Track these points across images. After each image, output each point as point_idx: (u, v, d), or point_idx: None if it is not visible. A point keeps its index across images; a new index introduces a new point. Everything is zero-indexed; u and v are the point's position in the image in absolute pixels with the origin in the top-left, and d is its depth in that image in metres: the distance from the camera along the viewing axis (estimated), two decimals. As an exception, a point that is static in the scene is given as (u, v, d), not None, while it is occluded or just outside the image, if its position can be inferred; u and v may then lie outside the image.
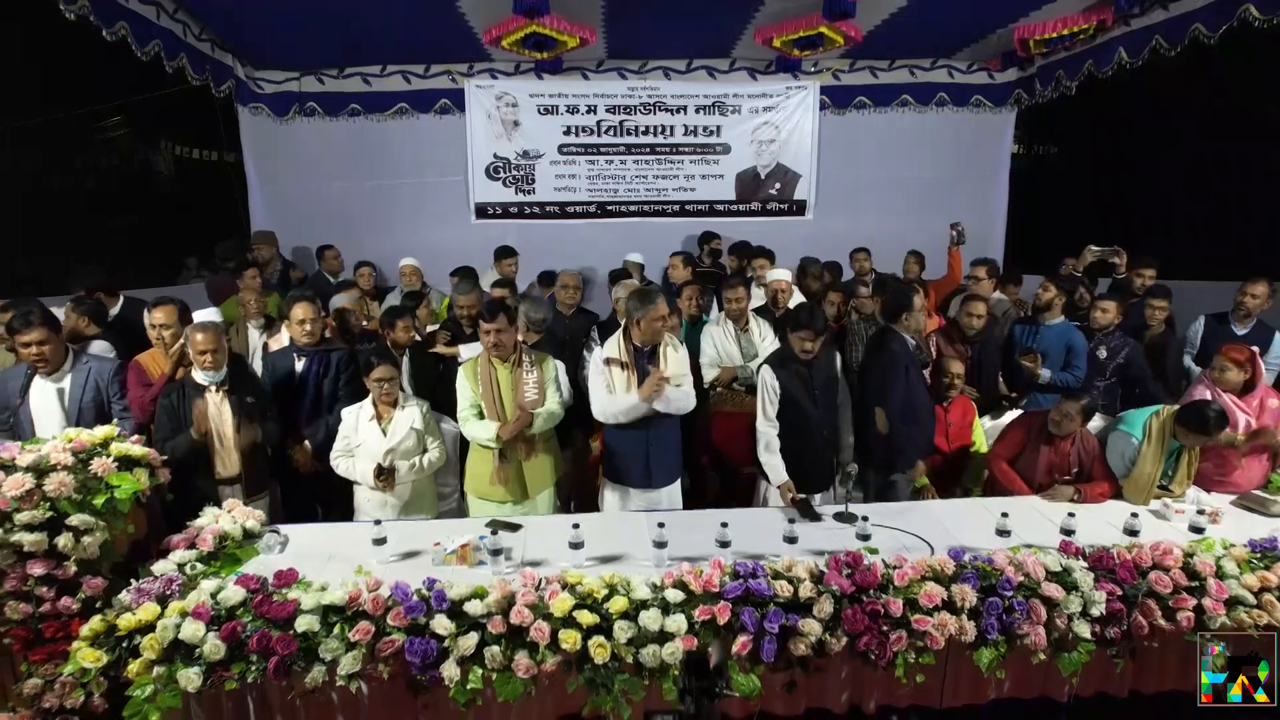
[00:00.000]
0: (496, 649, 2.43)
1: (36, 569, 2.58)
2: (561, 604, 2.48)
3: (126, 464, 2.81)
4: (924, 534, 3.07)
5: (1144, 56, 5.45)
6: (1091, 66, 6.05)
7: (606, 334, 3.75)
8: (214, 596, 2.48)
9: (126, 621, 2.41)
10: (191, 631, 2.38)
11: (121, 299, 4.58)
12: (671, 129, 7.22)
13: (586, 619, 2.46)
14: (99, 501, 2.65)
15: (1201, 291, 5.14)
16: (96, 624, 2.44)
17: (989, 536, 3.05)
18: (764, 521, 3.22)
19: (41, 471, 2.58)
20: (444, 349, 4.07)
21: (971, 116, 7.35)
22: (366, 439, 3.32)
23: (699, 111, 7.20)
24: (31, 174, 6.87)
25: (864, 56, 6.93)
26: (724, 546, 2.85)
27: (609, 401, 3.26)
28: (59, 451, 2.64)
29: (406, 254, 5.83)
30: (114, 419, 3.20)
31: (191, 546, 2.84)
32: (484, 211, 7.21)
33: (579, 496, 4.20)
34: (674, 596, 2.54)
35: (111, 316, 4.40)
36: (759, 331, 4.20)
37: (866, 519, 3.05)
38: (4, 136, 6.07)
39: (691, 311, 4.47)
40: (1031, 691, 2.85)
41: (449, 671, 2.41)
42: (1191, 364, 4.45)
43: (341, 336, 4.32)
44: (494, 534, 2.86)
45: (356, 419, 3.35)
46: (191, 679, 2.35)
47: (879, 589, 2.62)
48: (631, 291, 3.46)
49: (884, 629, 2.57)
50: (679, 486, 3.52)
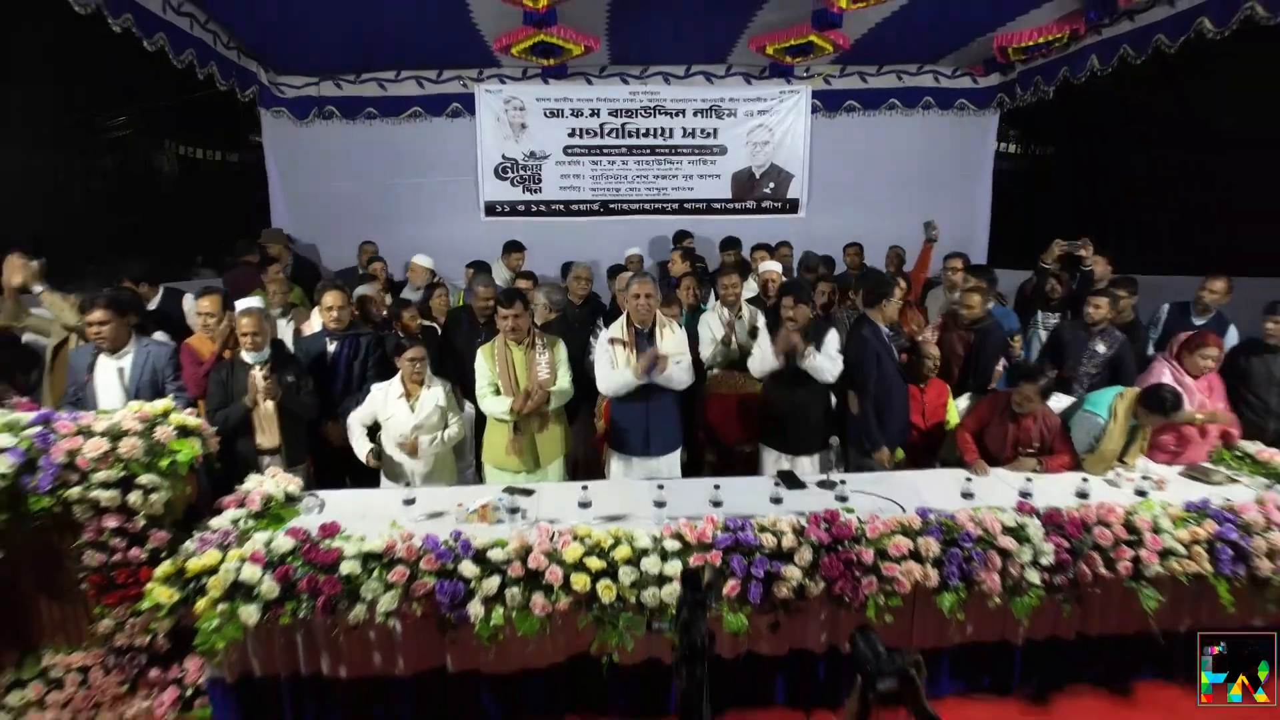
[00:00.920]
0: (516, 590, 2.74)
1: (110, 522, 2.89)
2: (573, 552, 2.79)
3: (184, 433, 3.11)
4: (896, 498, 3.34)
5: (1113, 64, 5.72)
6: (1067, 73, 6.29)
7: (611, 322, 4.08)
8: (268, 545, 2.79)
9: (194, 564, 2.72)
10: (250, 573, 2.69)
11: (162, 290, 4.85)
12: (671, 131, 7.39)
13: (594, 564, 2.77)
14: (164, 464, 2.95)
15: (1159, 285, 5.40)
16: (168, 567, 2.75)
17: (955, 499, 3.34)
18: (753, 488, 3.50)
19: (116, 436, 2.89)
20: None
21: (956, 119, 7.54)
22: (395, 414, 3.62)
23: (697, 114, 7.36)
24: (81, 171, 7.14)
25: (853, 62, 7.12)
26: (716, 506, 3.15)
27: (611, 376, 3.58)
28: (130, 419, 2.95)
29: (420, 249, 6.05)
30: (169, 396, 3.51)
31: (241, 506, 3.15)
32: (493, 209, 7.40)
33: (586, 469, 4.50)
34: (671, 546, 2.85)
35: (152, 307, 4.70)
36: (750, 318, 4.51)
37: (844, 483, 3.37)
38: (55, 137, 6.34)
39: (689, 300, 4.78)
40: (990, 635, 3.15)
41: (474, 610, 2.72)
42: (1152, 347, 4.74)
43: (364, 323, 4.62)
44: (510, 496, 3.18)
45: (386, 395, 3.64)
46: (251, 614, 2.67)
47: (853, 540, 2.93)
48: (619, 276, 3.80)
49: (857, 575, 2.87)
50: (677, 457, 3.83)
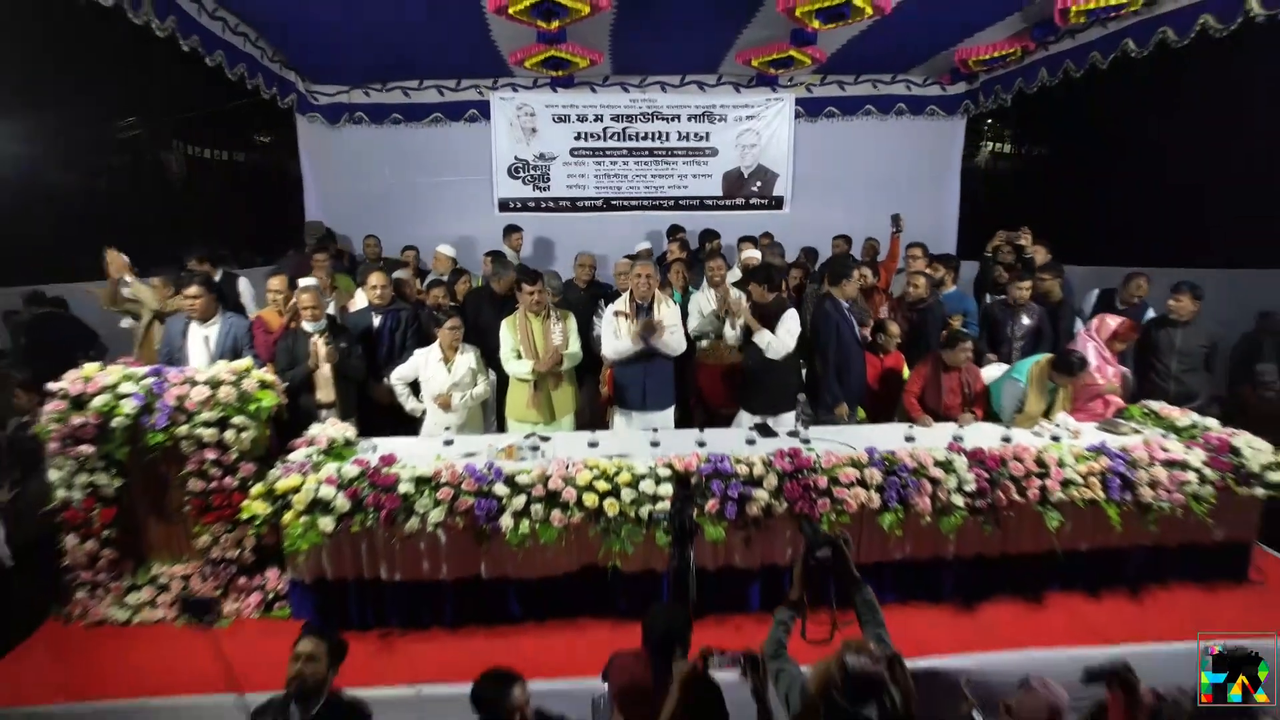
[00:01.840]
0: (539, 506, 3.35)
1: (210, 455, 3.49)
2: (584, 476, 3.40)
3: (263, 385, 3.72)
4: (851, 443, 3.95)
5: (1059, 76, 6.33)
6: (1022, 83, 6.89)
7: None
8: (339, 471, 3.41)
9: (282, 485, 3.33)
10: (326, 492, 3.31)
11: (221, 272, 5.46)
12: (667, 135, 7.93)
13: (602, 487, 3.38)
14: (252, 408, 3.56)
15: (1101, 274, 6.03)
16: (261, 488, 3.36)
17: (900, 444, 3.94)
18: (733, 436, 4.11)
19: (215, 385, 3.49)
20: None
21: (927, 123, 8.08)
22: (435, 375, 4.23)
23: (691, 120, 7.90)
24: (148, 168, 7.76)
25: (832, 72, 7.66)
26: (701, 446, 3.77)
27: (615, 342, 4.20)
28: (225, 372, 3.56)
29: (440, 241, 6.59)
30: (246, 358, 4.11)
31: (310, 445, 3.75)
32: (506, 205, 7.94)
33: (592, 426, 5.08)
34: (663, 473, 3.45)
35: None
36: (738, 298, 5.10)
37: (808, 428, 3.98)
38: (128, 141, 6.95)
39: (679, 284, 5.39)
40: (925, 552, 3.73)
41: (505, 522, 3.34)
42: (1080, 323, 5.35)
43: (400, 300, 5.21)
44: (531, 438, 3.80)
45: (426, 359, 4.24)
46: (327, 524, 3.28)
47: (810, 470, 3.54)
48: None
49: (813, 497, 3.48)
50: (671, 413, 4.44)
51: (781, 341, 4.21)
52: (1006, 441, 3.92)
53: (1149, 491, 3.66)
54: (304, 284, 4.22)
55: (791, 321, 4.26)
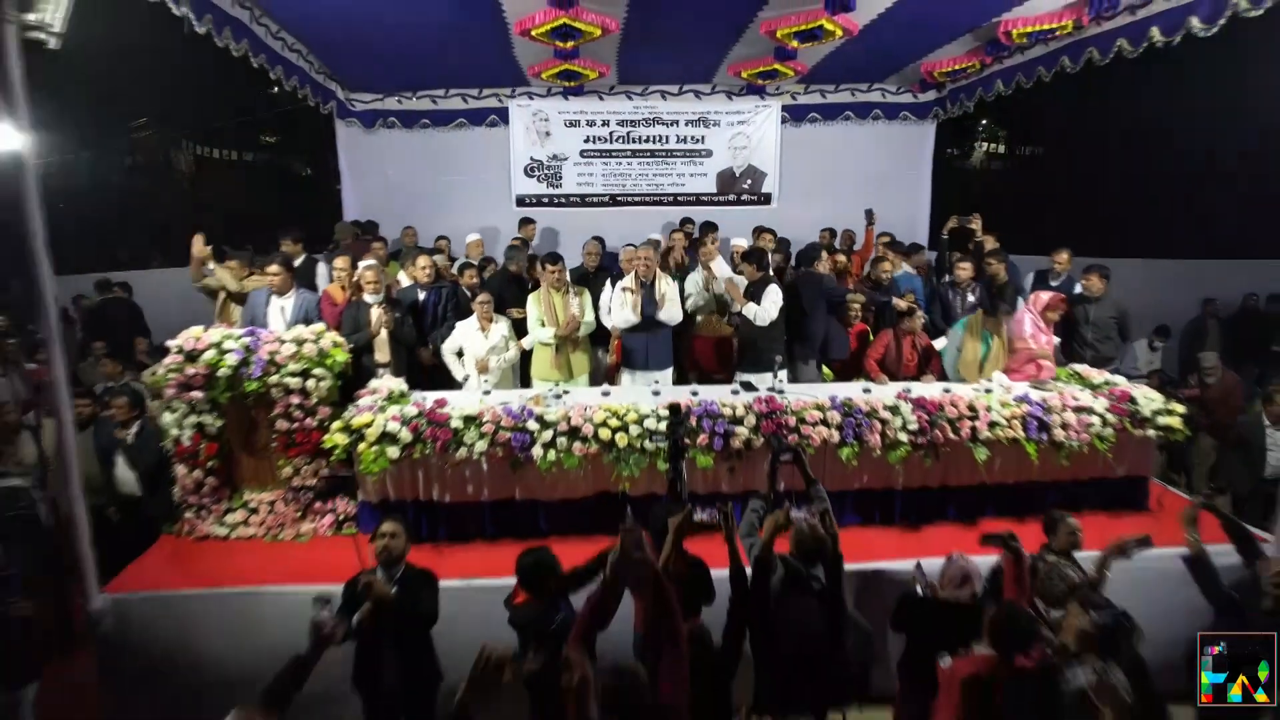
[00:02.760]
0: (563, 439, 4.05)
1: (294, 399, 4.18)
2: (599, 416, 4.10)
3: (335, 345, 4.42)
4: (818, 395, 4.65)
5: (1013, 86, 6.99)
6: (982, 92, 7.54)
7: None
8: (401, 410, 4.12)
9: (357, 421, 4.03)
10: (392, 427, 4.00)
11: (305, 256, 6.06)
12: (666, 138, 8.51)
13: (614, 424, 4.08)
14: (328, 362, 4.27)
15: (1042, 263, 6.71)
16: (340, 424, 4.06)
17: (858, 395, 4.64)
18: (721, 390, 4.82)
19: (299, 343, 4.20)
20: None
21: (901, 127, 8.68)
22: (473, 342, 4.93)
23: (688, 124, 8.49)
24: (214, 168, 8.51)
25: (814, 82, 8.26)
26: (695, 395, 4.48)
27: (620, 313, 4.91)
28: (307, 334, 4.26)
29: (465, 232, 7.30)
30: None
31: (373, 394, 4.46)
32: (522, 201, 8.54)
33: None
34: (663, 413, 4.16)
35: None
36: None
37: (783, 383, 4.68)
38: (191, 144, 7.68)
39: (677, 259, 6.10)
40: (878, 482, 4.42)
41: (536, 452, 4.03)
42: (1021, 301, 6.04)
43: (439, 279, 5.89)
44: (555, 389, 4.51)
45: (467, 329, 4.94)
46: (394, 453, 3.98)
47: (782, 412, 4.24)
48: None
49: (784, 433, 4.19)
50: (669, 373, 5.15)
51: (765, 310, 4.90)
52: (946, 391, 4.63)
53: (1061, 432, 4.35)
54: (365, 263, 4.92)
55: (774, 294, 4.96)
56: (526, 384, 5.31)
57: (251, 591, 3.81)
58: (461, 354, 4.99)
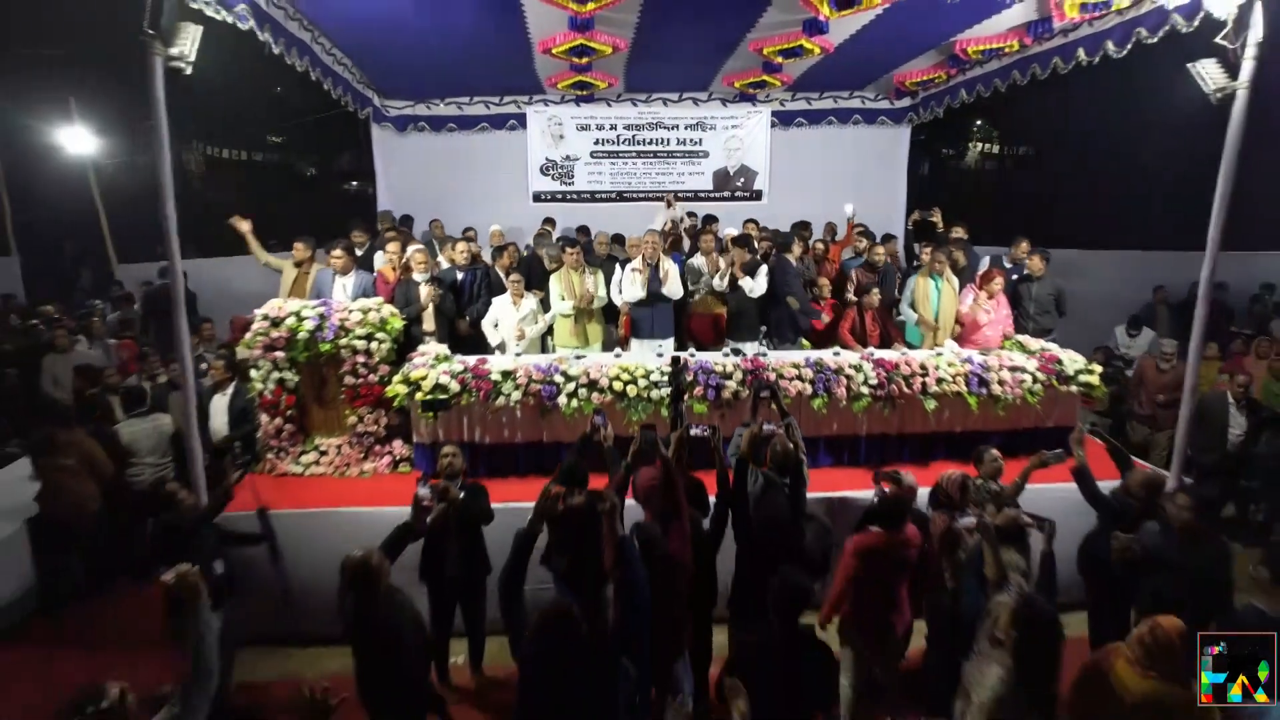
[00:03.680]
0: (584, 390, 4.80)
1: (360, 359, 4.92)
2: (612, 370, 4.85)
3: (392, 314, 5.16)
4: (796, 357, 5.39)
5: (975, 95, 7.70)
6: (949, 100, 8.25)
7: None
8: (449, 366, 4.86)
9: (414, 374, 4.75)
10: (443, 379, 4.74)
11: (369, 243, 6.83)
12: (668, 140, 9.22)
13: (625, 378, 4.83)
14: (387, 328, 5.01)
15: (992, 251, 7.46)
16: (400, 376, 4.79)
17: (830, 358, 5.38)
18: (715, 356, 5.56)
19: (364, 312, 4.94)
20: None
21: (879, 131, 9.34)
22: (507, 315, 5.66)
23: (687, 128, 9.20)
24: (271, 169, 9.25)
25: (800, 90, 8.91)
26: (692, 358, 5.22)
27: (629, 290, 5.65)
28: (370, 304, 5.01)
29: (487, 225, 7.90)
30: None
31: (423, 355, 5.19)
32: (538, 197, 9.25)
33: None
34: (666, 369, 4.91)
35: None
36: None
37: (769, 348, 5.43)
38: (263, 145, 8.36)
39: (669, 247, 6.85)
40: (846, 431, 5.15)
41: (562, 400, 4.78)
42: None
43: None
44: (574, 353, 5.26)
45: (501, 304, 5.66)
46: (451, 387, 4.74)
47: (764, 370, 5.00)
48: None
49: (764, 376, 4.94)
50: (671, 342, 5.89)
51: (758, 284, 5.70)
52: (903, 354, 5.37)
53: (998, 387, 5.08)
54: (414, 247, 5.66)
55: (764, 272, 5.74)
56: (549, 353, 6.04)
57: (325, 512, 4.55)
58: (497, 325, 5.72)
